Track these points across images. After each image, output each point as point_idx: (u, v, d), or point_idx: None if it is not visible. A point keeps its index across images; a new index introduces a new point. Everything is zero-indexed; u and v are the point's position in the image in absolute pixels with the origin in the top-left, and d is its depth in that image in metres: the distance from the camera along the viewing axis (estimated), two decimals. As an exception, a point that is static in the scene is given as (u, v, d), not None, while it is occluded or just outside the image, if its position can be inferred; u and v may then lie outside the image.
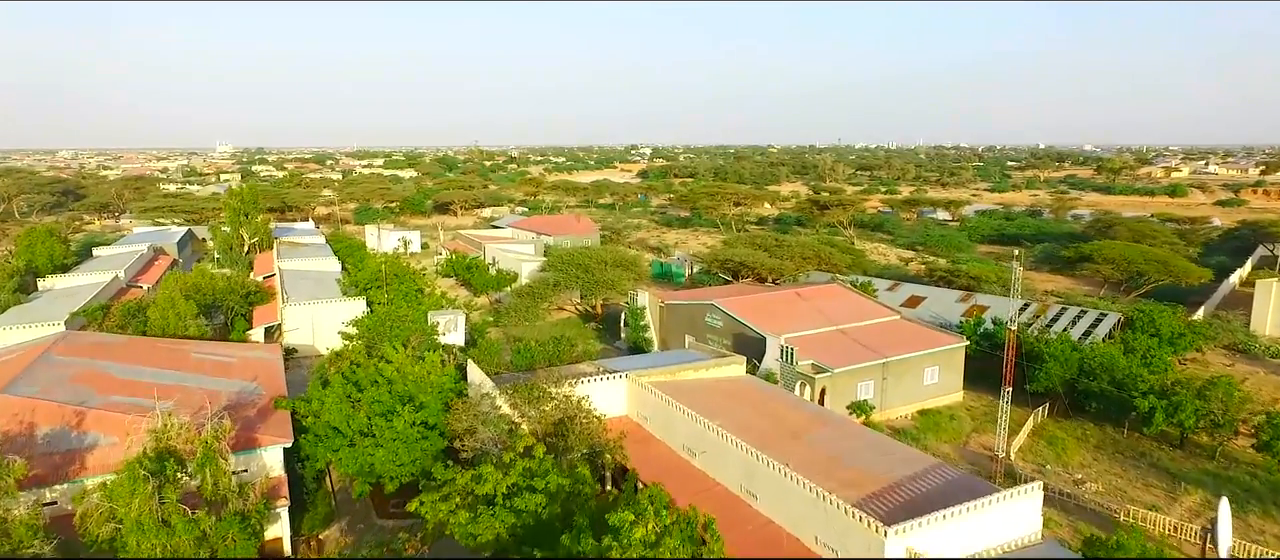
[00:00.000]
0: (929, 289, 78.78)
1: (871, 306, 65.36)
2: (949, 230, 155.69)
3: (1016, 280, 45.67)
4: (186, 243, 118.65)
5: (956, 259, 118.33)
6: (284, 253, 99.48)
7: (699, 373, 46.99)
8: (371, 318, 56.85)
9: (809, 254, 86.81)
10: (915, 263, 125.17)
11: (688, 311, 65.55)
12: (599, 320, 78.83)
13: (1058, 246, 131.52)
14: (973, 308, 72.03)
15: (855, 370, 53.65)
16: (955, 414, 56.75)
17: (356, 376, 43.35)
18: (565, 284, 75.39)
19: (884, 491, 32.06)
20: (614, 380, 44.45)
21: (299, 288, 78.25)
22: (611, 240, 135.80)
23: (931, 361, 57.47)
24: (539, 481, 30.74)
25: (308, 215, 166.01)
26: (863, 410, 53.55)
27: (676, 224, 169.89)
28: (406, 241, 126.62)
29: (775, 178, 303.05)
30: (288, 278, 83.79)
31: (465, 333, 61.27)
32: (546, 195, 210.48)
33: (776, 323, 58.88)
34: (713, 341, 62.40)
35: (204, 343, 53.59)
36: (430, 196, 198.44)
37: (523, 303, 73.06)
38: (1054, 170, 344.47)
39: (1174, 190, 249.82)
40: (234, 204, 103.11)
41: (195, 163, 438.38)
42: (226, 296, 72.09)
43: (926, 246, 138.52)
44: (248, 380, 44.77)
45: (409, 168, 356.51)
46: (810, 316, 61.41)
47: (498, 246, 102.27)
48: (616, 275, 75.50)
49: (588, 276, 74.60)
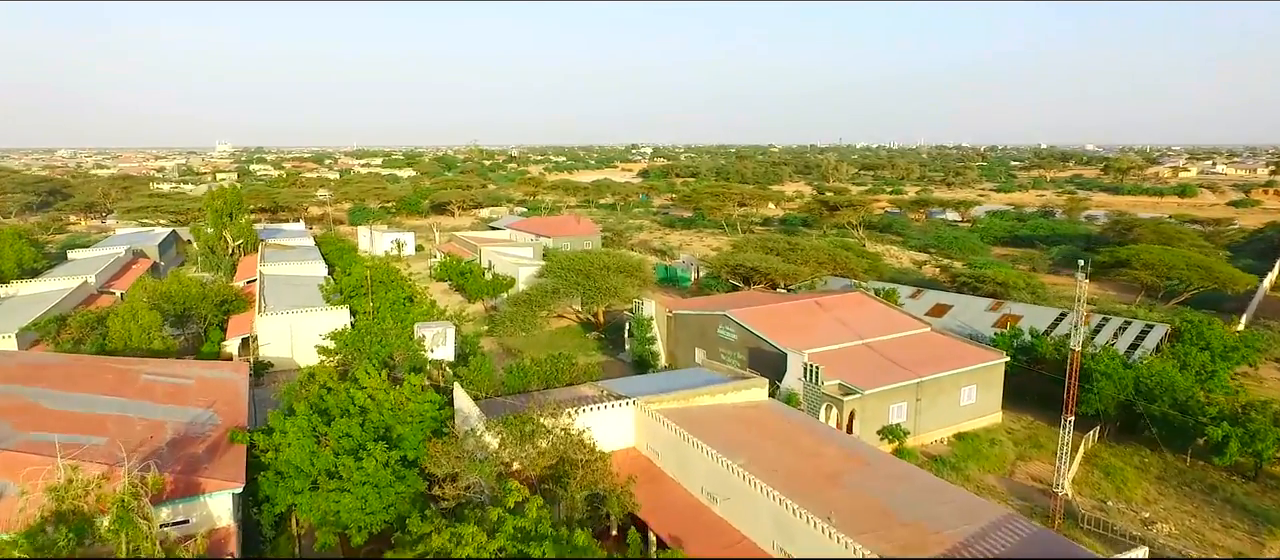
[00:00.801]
0: (955, 296, 72.97)
1: (899, 317, 59.56)
2: (960, 231, 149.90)
3: (1082, 293, 39.84)
4: (170, 245, 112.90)
5: (973, 262, 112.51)
6: (269, 256, 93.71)
7: (716, 397, 41.20)
8: (351, 332, 51.07)
9: (824, 258, 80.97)
10: (929, 265, 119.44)
11: (698, 323, 59.77)
12: (601, 329, 73.07)
13: (1075, 248, 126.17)
14: (1005, 318, 66.25)
15: (887, 392, 47.83)
16: (995, 438, 50.97)
17: (326, 404, 37.61)
18: (565, 291, 69.57)
19: (954, 556, 26.27)
20: (620, 408, 38.69)
21: (280, 295, 72.46)
22: (613, 242, 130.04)
23: (969, 380, 51.67)
24: (535, 548, 24.93)
25: (300, 216, 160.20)
26: (895, 436, 47.80)
27: (680, 225, 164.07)
28: (400, 243, 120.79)
29: (778, 177, 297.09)
30: (269, 283, 78.01)
31: (455, 347, 55.46)
32: (546, 195, 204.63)
33: (797, 337, 53.10)
34: (726, 356, 56.62)
35: (161, 361, 47.75)
36: (427, 196, 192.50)
37: (519, 312, 67.20)
38: (1060, 170, 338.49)
39: (1183, 191, 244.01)
40: (216, 205, 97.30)
41: (193, 162, 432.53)
42: (199, 305, 66.30)
43: (939, 249, 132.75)
44: (204, 407, 38.99)
45: (408, 167, 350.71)
46: (833, 329, 55.61)
47: (494, 250, 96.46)
48: (620, 282, 69.67)
49: (589, 284, 68.72)
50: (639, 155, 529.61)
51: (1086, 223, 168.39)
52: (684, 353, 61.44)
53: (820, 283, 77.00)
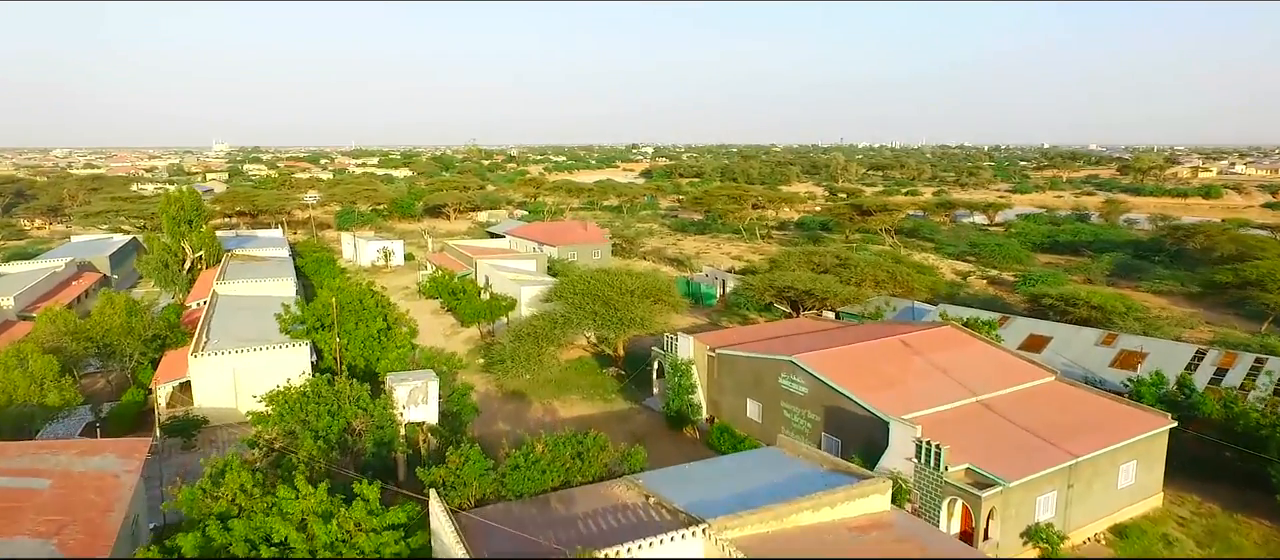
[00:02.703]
0: (1052, 326, 59.03)
1: (1012, 362, 45.65)
2: (994, 236, 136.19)
3: None
4: (128, 256, 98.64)
5: (1029, 275, 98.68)
6: (232, 270, 79.60)
7: (821, 512, 27.27)
8: (296, 393, 37.02)
9: (882, 275, 67.09)
10: (974, 277, 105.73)
11: (752, 368, 45.85)
12: (621, 364, 59.15)
13: (1125, 256, 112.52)
14: (1126, 356, 52.38)
15: (1035, 480, 33.94)
16: (1166, 533, 37.17)
17: (227, 541, 23.72)
18: (578, 322, 55.50)
19: None
20: (681, 540, 24.80)
21: (229, 323, 58.45)
22: (623, 251, 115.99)
23: (1128, 454, 37.80)
24: None
25: (284, 220, 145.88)
26: (1044, 539, 33.96)
27: (692, 229, 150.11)
28: (387, 252, 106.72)
29: (785, 177, 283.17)
30: (222, 307, 63.98)
31: (439, 403, 41.55)
32: (547, 197, 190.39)
33: (893, 394, 39.24)
34: (791, 414, 42.75)
35: (20, 447, 33.57)
36: (422, 198, 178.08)
37: (521, 348, 53.05)
38: (1074, 170, 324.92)
39: (1208, 192, 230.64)
40: (172, 211, 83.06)
41: (187, 162, 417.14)
42: (122, 339, 52.23)
43: (979, 257, 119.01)
44: (42, 536, 25.01)
45: (404, 167, 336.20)
46: (935, 381, 41.74)
47: (492, 263, 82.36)
48: (647, 311, 55.61)
49: (610, 314, 54.62)
50: (640, 155, 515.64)
51: (1124, 226, 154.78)
52: (730, 403, 47.60)
53: (886, 309, 62.97)
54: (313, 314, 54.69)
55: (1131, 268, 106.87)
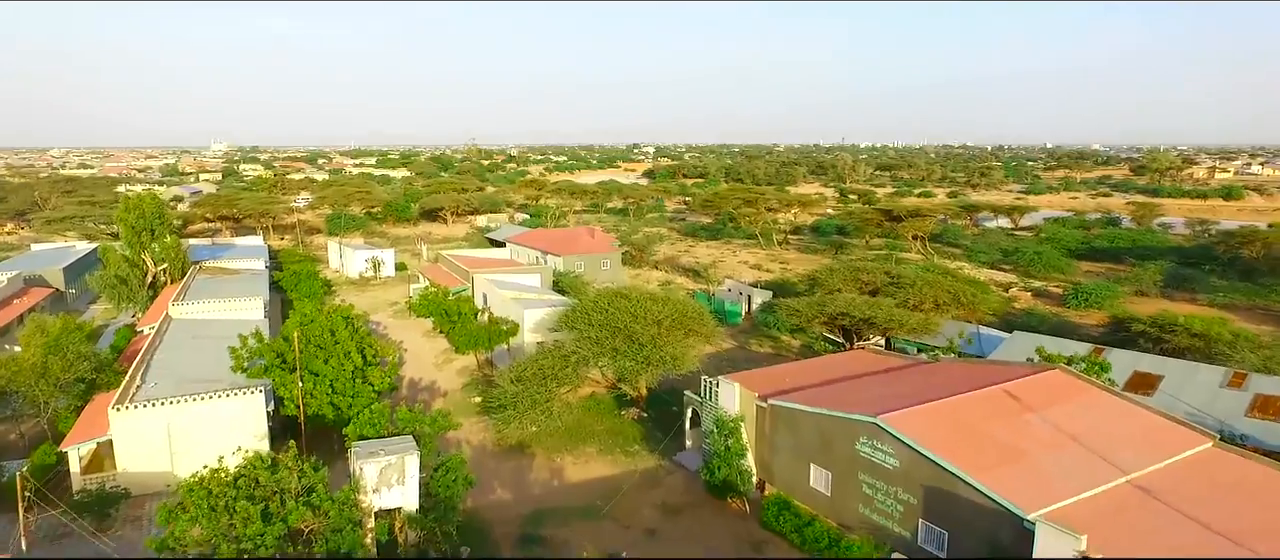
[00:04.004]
0: (1158, 361, 48.79)
1: (1149, 419, 35.47)
2: (1029, 243, 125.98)
3: None
4: (89, 267, 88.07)
5: (1078, 288, 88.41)
6: (195, 288, 69.33)
7: None
8: (224, 479, 26.80)
9: (944, 297, 56.93)
10: (1016, 289, 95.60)
11: (817, 427, 35.68)
12: (642, 405, 48.95)
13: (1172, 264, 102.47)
14: (1264, 402, 42.26)
15: (1254, 617, 23.83)
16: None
17: None
18: (594, 359, 45.21)
19: None
20: None
21: (178, 359, 48.21)
22: (634, 259, 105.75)
23: (1347, 563, 27.67)
24: None
25: (270, 225, 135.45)
26: None
27: (702, 234, 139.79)
28: (377, 262, 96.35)
29: (792, 178, 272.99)
30: (174, 336, 53.75)
31: (419, 486, 31.36)
32: (549, 199, 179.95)
33: (1020, 472, 29.14)
34: (876, 493, 32.60)
35: None
36: (418, 200, 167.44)
37: (526, 393, 42.69)
38: (1086, 170, 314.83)
39: (1229, 192, 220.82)
40: (130, 219, 72.66)
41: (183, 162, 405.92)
42: (34, 385, 41.92)
43: (1015, 266, 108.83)
44: None
45: (403, 167, 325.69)
46: (1068, 452, 31.57)
47: (491, 278, 72.08)
48: (678, 347, 45.30)
49: (635, 351, 44.22)
50: (641, 155, 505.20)
51: (1159, 231, 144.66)
52: (787, 467, 37.44)
53: (958, 335, 52.55)
54: (273, 350, 44.44)
55: (1183, 278, 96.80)
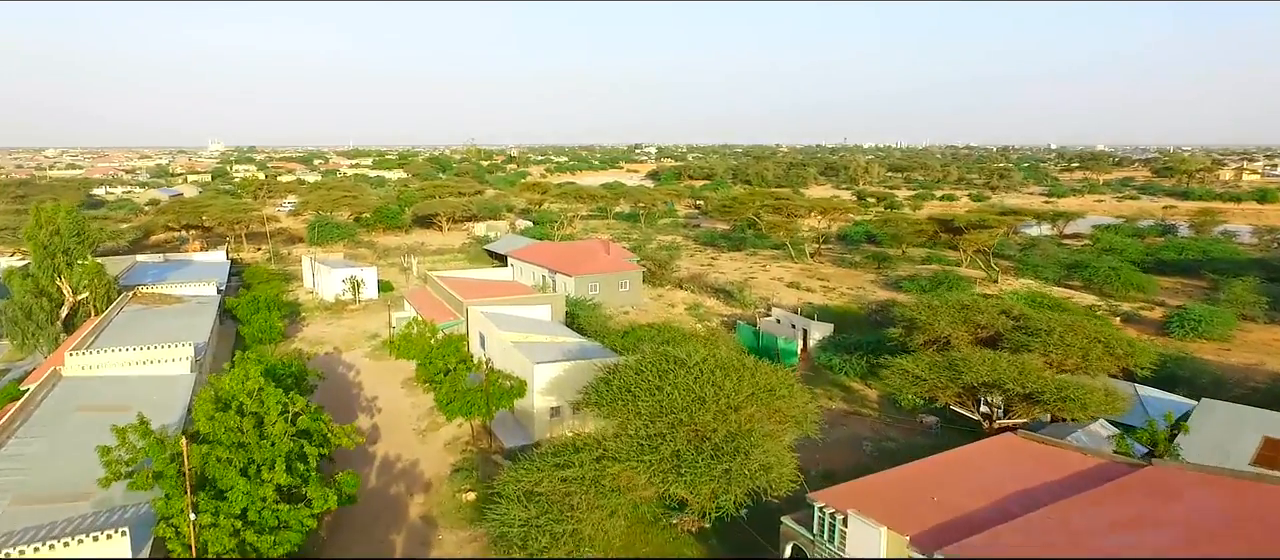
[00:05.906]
0: None
1: None
2: (1087, 254, 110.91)
3: None
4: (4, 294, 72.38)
5: (1181, 314, 73.34)
6: (119, 322, 53.99)
7: None
8: None
9: (1092, 347, 41.78)
10: (1102, 313, 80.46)
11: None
12: (704, 519, 33.63)
13: (1258, 280, 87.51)
14: None
15: None
16: None
17: None
18: (648, 471, 29.33)
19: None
20: None
21: (30, 454, 32.92)
22: (654, 277, 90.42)
23: None
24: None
25: (242, 234, 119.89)
26: None
27: (723, 243, 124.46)
28: (357, 282, 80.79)
29: (803, 180, 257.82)
30: (55, 404, 38.45)
31: None
32: (553, 203, 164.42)
33: None
34: None
35: None
36: (412, 204, 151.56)
37: (546, 519, 27.25)
38: (1106, 171, 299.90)
39: (1264, 195, 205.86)
40: (41, 237, 57.33)
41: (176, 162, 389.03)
42: None
43: (1086, 282, 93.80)
44: None
45: (399, 168, 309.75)
46: None
47: (490, 312, 56.70)
48: (768, 443, 29.39)
49: (710, 463, 28.13)
50: (644, 155, 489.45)
51: (1223, 239, 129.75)
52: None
53: (1124, 405, 37.52)
54: (167, 451, 29.10)
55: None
